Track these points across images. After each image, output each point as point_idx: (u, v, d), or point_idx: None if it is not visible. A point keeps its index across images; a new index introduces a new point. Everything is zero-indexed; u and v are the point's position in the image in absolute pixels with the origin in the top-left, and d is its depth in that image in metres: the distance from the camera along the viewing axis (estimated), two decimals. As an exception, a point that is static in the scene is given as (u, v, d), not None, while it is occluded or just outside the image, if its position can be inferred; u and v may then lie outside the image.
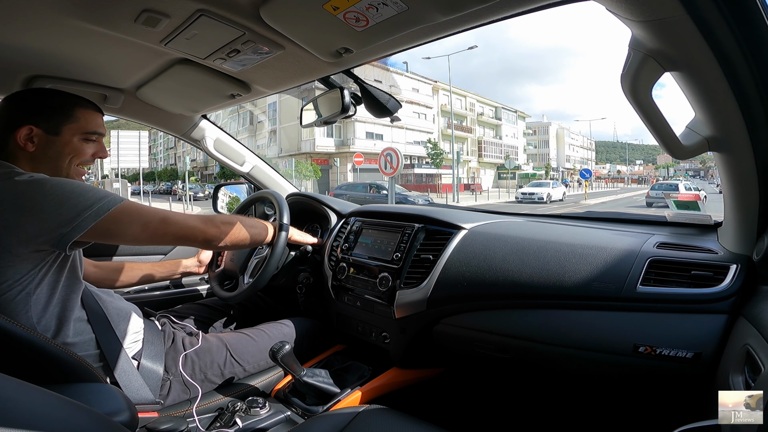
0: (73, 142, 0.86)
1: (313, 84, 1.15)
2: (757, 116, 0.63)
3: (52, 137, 0.84)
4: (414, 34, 0.77)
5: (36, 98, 0.85)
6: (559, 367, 0.94)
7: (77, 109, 0.87)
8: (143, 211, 0.84)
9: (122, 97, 1.28)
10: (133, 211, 0.81)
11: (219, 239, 0.96)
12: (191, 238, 0.91)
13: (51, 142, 0.84)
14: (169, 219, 0.87)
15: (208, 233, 0.93)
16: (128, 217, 0.80)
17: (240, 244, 1.04)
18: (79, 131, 0.86)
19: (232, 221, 1.01)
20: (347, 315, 1.28)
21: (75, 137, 0.86)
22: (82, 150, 0.88)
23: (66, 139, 0.85)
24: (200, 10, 0.76)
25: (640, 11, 0.55)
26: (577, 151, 61.20)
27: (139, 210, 0.83)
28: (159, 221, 0.85)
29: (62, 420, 0.40)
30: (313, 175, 24.30)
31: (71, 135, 0.86)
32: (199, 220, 0.93)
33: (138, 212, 0.82)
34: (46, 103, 0.85)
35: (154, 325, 1.05)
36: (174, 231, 0.87)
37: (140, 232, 0.82)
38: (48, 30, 0.86)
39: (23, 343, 0.60)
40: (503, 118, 40.66)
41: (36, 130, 0.82)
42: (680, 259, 0.83)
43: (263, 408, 0.97)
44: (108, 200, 0.77)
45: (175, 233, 0.88)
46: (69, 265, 0.82)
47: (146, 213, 0.84)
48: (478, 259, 1.01)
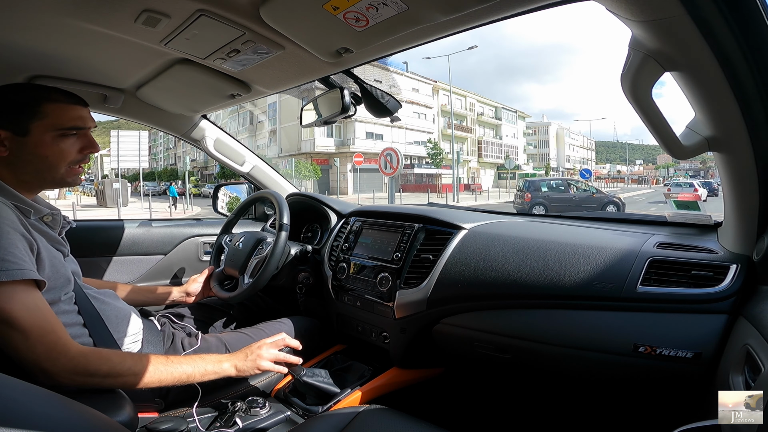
0: (47, 141, 0.77)
1: (313, 84, 1.15)
2: (757, 116, 0.63)
3: (21, 138, 0.76)
4: (414, 34, 0.77)
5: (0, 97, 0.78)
6: (558, 367, 0.94)
7: (44, 104, 0.78)
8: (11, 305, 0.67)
9: (122, 97, 1.28)
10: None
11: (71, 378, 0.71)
12: (22, 361, 0.68)
13: (22, 144, 0.76)
14: (16, 324, 0.67)
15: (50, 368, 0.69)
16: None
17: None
18: (50, 128, 0.77)
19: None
20: (347, 315, 1.28)
21: (47, 135, 0.77)
22: (63, 149, 0.79)
23: (37, 138, 0.77)
24: (200, 10, 0.76)
25: (640, 11, 0.55)
26: (577, 151, 61.22)
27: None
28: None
29: (62, 420, 0.40)
30: (313, 175, 24.32)
31: (41, 133, 0.77)
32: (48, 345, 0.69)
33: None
34: (10, 101, 0.77)
35: (154, 325, 1.05)
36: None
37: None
38: (48, 30, 0.86)
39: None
40: (503, 118, 40.69)
41: (3, 132, 0.75)
42: (680, 259, 0.82)
43: (263, 408, 0.97)
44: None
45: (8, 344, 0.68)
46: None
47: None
48: (478, 259, 1.01)
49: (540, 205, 11.74)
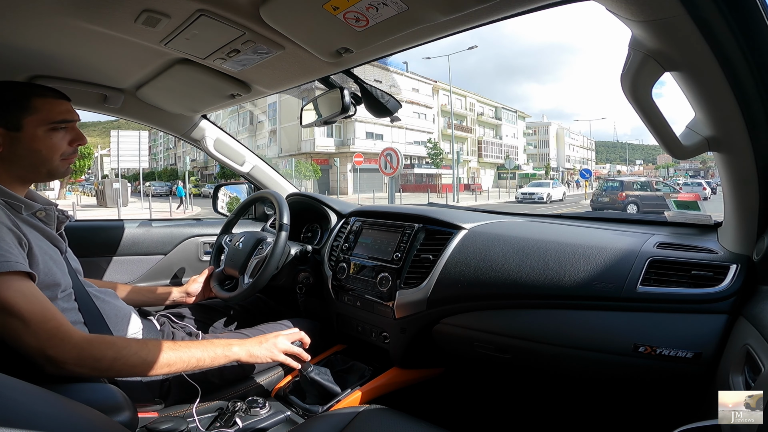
0: (40, 135, 0.79)
1: (313, 84, 1.15)
2: (757, 116, 0.63)
3: (15, 134, 0.77)
4: (414, 34, 0.77)
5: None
6: (558, 367, 0.94)
7: (34, 99, 0.79)
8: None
9: (122, 97, 1.28)
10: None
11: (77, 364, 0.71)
12: (25, 348, 0.68)
13: (16, 140, 0.78)
14: (15, 311, 0.67)
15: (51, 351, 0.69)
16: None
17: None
18: (43, 122, 0.79)
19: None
20: (347, 315, 1.28)
21: (40, 129, 0.79)
22: (55, 142, 0.81)
23: (30, 133, 0.78)
24: (200, 10, 0.76)
25: (640, 11, 0.55)
26: (577, 151, 61.22)
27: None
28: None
29: (62, 420, 0.40)
30: (313, 175, 24.33)
31: (35, 128, 0.78)
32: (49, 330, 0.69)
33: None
34: (0, 98, 0.78)
35: (153, 325, 1.05)
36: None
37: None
38: (48, 30, 0.86)
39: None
40: (503, 118, 40.69)
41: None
42: (680, 259, 0.82)
43: (263, 408, 0.97)
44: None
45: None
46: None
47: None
48: (478, 259, 1.01)
49: (633, 204, 12.05)
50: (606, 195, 13.13)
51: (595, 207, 12.54)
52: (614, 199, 12.37)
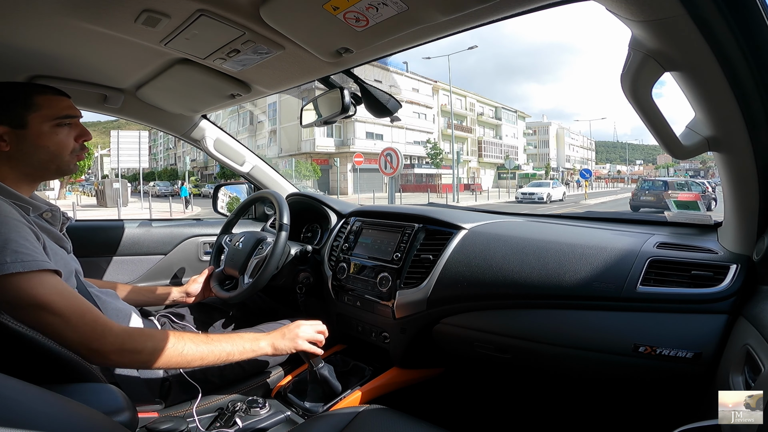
0: (46, 131, 0.79)
1: (313, 84, 1.15)
2: (757, 116, 0.63)
3: (20, 131, 0.77)
4: (414, 34, 0.77)
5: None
6: (558, 367, 0.94)
7: (36, 97, 0.79)
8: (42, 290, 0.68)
9: (122, 97, 1.28)
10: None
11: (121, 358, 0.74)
12: (68, 343, 0.67)
13: (22, 137, 0.78)
14: (53, 308, 0.67)
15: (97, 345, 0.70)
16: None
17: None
18: (47, 118, 0.79)
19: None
20: (347, 315, 1.28)
21: (45, 125, 0.79)
22: (61, 138, 0.81)
23: (36, 129, 0.78)
24: (200, 10, 0.76)
25: (640, 11, 0.55)
26: (577, 151, 61.22)
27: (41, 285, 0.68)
28: (34, 308, 0.67)
29: (62, 420, 0.40)
30: (313, 175, 24.32)
31: (40, 124, 0.79)
32: (96, 324, 0.71)
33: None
34: (2, 97, 0.78)
35: (154, 325, 1.05)
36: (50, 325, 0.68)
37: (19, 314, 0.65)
38: (48, 30, 0.86)
39: (23, 343, 0.60)
40: (503, 118, 40.69)
41: (2, 128, 0.76)
42: (680, 259, 0.83)
43: (263, 408, 0.97)
44: (16, 264, 0.65)
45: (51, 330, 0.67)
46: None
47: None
48: (478, 259, 1.01)
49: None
50: (650, 194, 13.41)
51: (635, 205, 12.72)
52: (660, 198, 12.61)
